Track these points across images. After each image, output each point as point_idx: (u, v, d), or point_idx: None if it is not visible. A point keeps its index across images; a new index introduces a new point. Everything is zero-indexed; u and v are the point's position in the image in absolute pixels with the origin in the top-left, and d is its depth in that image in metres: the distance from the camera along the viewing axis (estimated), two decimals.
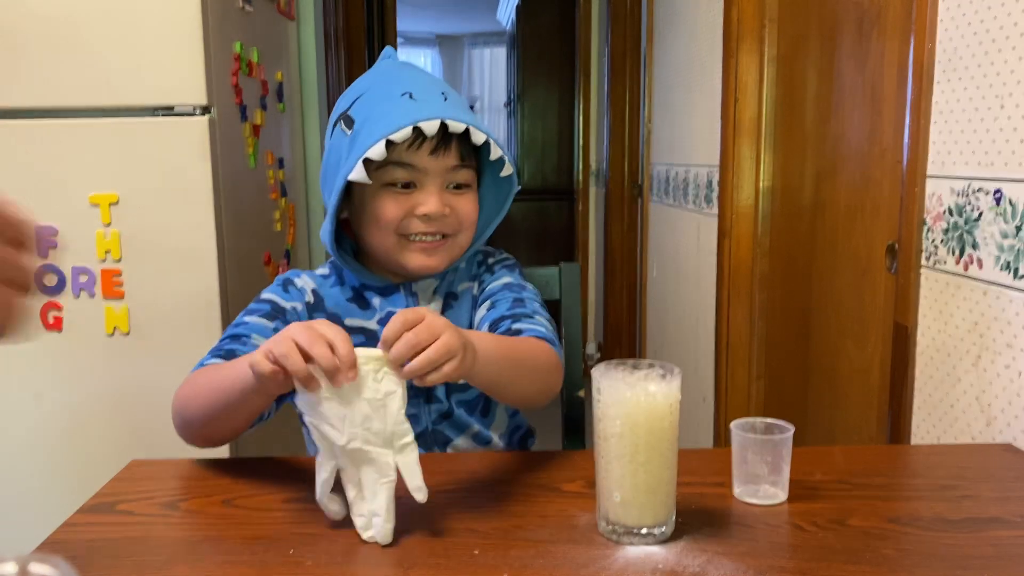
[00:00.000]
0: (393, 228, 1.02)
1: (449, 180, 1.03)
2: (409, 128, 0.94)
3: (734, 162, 2.05)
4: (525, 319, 1.03)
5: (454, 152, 1.01)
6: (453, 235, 1.05)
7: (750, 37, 2.01)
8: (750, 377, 2.12)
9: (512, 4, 6.33)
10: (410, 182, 1.01)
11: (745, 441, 0.85)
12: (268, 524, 0.82)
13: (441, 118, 0.96)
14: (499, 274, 1.13)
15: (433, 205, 1.01)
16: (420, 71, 1.08)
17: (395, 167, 1.00)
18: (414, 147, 0.99)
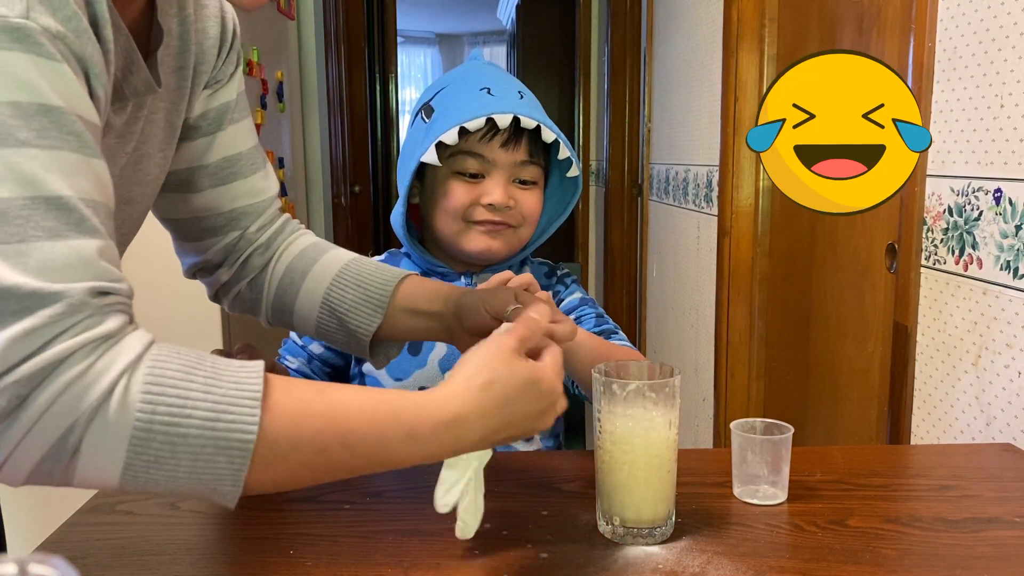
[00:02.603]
0: (460, 215, 1.07)
1: (516, 175, 1.08)
2: (483, 118, 1.01)
3: (734, 161, 2.05)
4: (614, 335, 1.10)
5: (524, 148, 1.07)
6: (516, 227, 1.10)
7: (750, 36, 2.01)
8: (750, 377, 2.12)
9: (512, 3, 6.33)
10: (479, 172, 1.06)
11: (745, 441, 0.85)
12: (268, 524, 0.82)
13: (515, 113, 1.02)
14: (572, 288, 1.19)
15: (498, 195, 1.06)
16: (501, 71, 1.14)
17: (466, 156, 1.05)
18: (486, 139, 1.04)
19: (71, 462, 0.52)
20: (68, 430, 0.51)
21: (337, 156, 3.51)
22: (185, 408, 0.54)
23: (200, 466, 0.55)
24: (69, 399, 0.51)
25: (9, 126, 0.51)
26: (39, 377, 0.51)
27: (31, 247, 0.51)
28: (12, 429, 0.51)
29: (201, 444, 0.54)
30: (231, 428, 0.55)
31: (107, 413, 0.52)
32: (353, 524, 0.80)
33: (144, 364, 0.54)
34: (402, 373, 1.07)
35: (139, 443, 0.53)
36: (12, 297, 0.50)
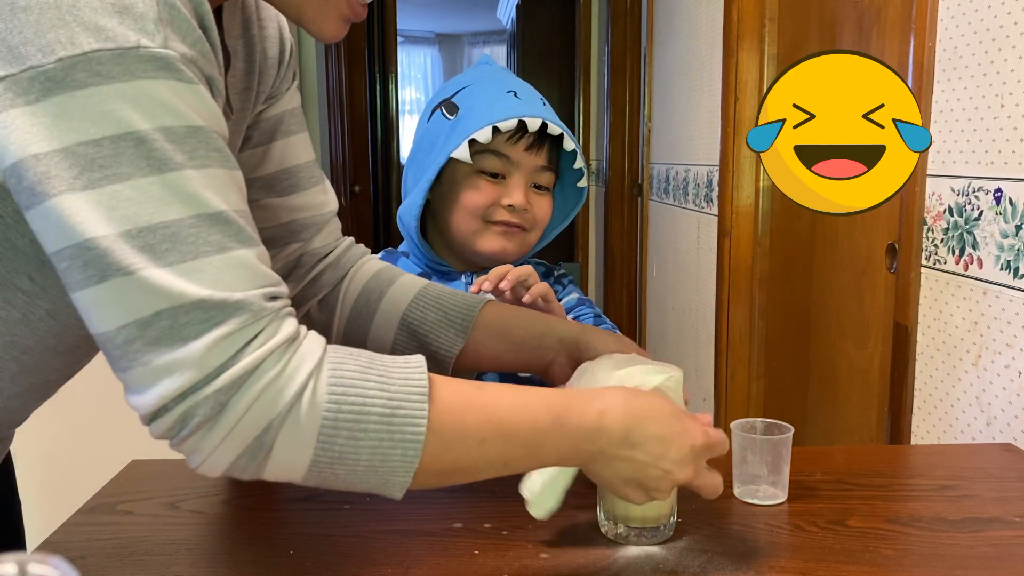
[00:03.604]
0: (479, 213, 1.09)
1: (534, 179, 1.10)
2: (515, 120, 1.03)
3: (734, 161, 2.05)
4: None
5: (545, 153, 1.09)
6: (528, 231, 1.11)
7: (750, 36, 2.01)
8: (750, 377, 2.12)
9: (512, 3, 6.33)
10: (501, 173, 1.08)
11: (745, 441, 0.85)
12: (268, 524, 0.82)
13: (544, 118, 1.04)
14: (569, 289, 1.20)
15: (519, 197, 1.08)
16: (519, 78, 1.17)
17: (491, 156, 1.07)
18: (513, 140, 1.06)
19: (264, 459, 0.56)
20: (264, 430, 0.55)
21: (337, 156, 3.50)
22: (365, 405, 0.58)
23: (378, 460, 0.58)
24: (265, 402, 0.55)
25: (165, 151, 0.54)
26: (238, 384, 0.55)
27: (204, 262, 0.55)
28: (214, 432, 0.55)
29: (380, 439, 0.58)
30: (405, 422, 0.58)
31: (299, 413, 0.56)
32: (353, 524, 0.80)
33: (326, 366, 0.58)
34: None
35: (326, 440, 0.57)
36: (201, 309, 0.54)
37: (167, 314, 0.53)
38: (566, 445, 0.64)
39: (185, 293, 0.53)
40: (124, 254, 0.53)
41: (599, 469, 0.67)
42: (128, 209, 0.53)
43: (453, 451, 0.61)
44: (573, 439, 0.64)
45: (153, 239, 0.53)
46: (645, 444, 0.65)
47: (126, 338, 0.54)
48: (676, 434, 0.67)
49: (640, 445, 0.65)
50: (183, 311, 0.53)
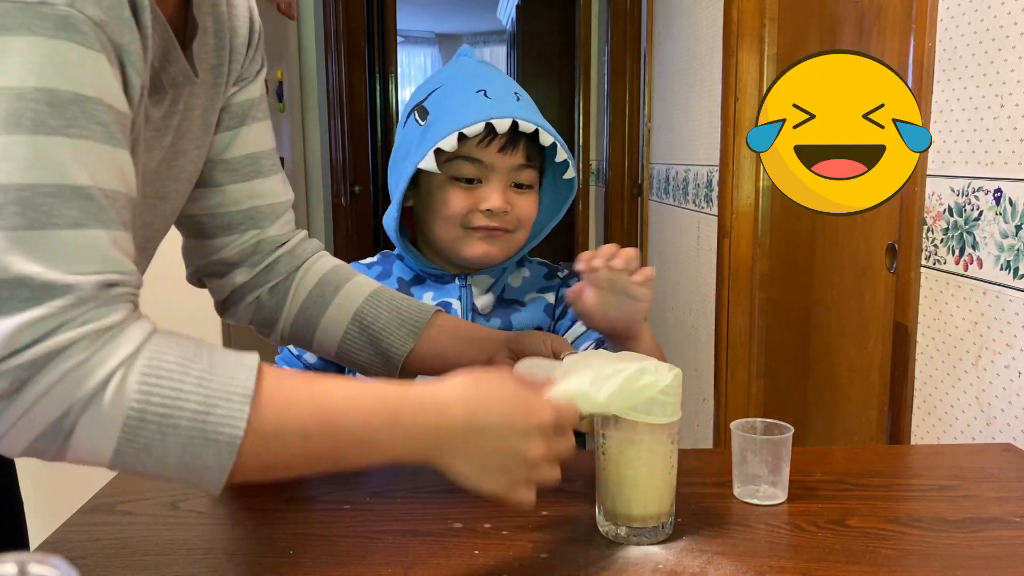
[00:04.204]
0: (458, 221, 1.06)
1: (513, 179, 1.06)
2: (482, 123, 0.98)
3: (734, 161, 2.05)
4: None
5: (521, 151, 1.05)
6: (512, 231, 1.08)
7: (750, 36, 2.01)
8: (750, 377, 2.12)
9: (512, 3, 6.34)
10: (476, 178, 1.04)
11: (745, 441, 0.85)
12: (268, 524, 0.82)
13: (514, 117, 0.99)
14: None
15: (496, 201, 1.04)
16: (496, 71, 1.12)
17: (463, 161, 1.03)
18: (484, 143, 1.02)
19: (65, 443, 0.54)
20: (63, 415, 0.53)
21: (337, 156, 3.51)
22: (178, 400, 0.55)
23: (188, 457, 0.56)
24: (66, 387, 0.53)
25: (42, 113, 0.52)
26: (39, 364, 0.52)
27: (51, 235, 0.53)
28: (10, 409, 0.53)
29: (191, 436, 0.55)
30: (220, 422, 0.56)
31: (101, 402, 0.53)
32: (353, 524, 0.80)
33: (142, 356, 0.55)
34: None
35: (130, 431, 0.54)
36: (24, 286, 0.52)
37: None
38: (404, 441, 0.62)
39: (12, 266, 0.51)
40: None
41: (449, 463, 0.64)
42: None
43: (273, 447, 0.59)
44: (411, 435, 0.62)
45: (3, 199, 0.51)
46: (489, 429, 0.64)
47: None
48: (520, 413, 0.65)
49: (484, 431, 0.64)
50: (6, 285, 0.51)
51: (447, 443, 0.63)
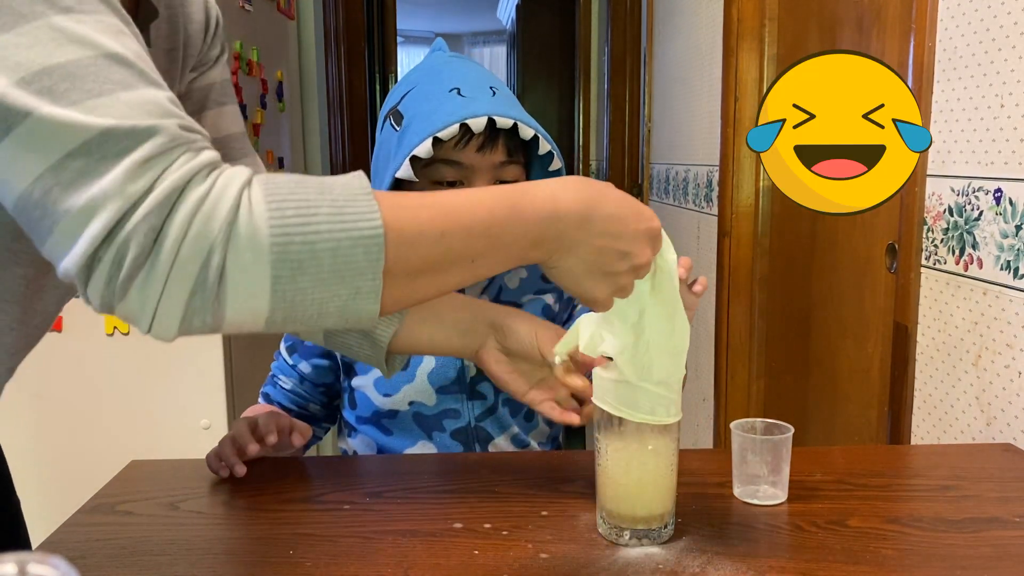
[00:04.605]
0: None
1: (497, 176, 1.01)
2: (456, 126, 0.94)
3: (734, 161, 2.05)
4: None
5: (501, 148, 1.00)
6: None
7: (750, 36, 2.01)
8: (750, 377, 2.12)
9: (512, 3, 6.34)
10: (458, 180, 1.00)
11: (745, 441, 0.85)
12: (268, 524, 0.82)
13: (489, 114, 0.95)
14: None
15: None
16: (470, 65, 1.07)
17: (443, 165, 0.99)
18: (461, 144, 0.98)
19: (219, 289, 0.52)
20: (208, 253, 0.52)
21: (337, 156, 3.50)
22: (310, 208, 0.54)
23: (341, 263, 0.55)
24: (201, 221, 0.51)
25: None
26: (166, 206, 0.51)
27: (110, 99, 0.52)
28: (156, 269, 0.51)
29: (335, 238, 0.54)
30: (357, 218, 0.55)
31: (239, 227, 0.52)
32: (353, 524, 0.80)
33: (256, 182, 0.55)
34: (391, 388, 1.06)
35: (279, 249, 0.53)
36: (111, 138, 0.51)
37: (78, 152, 0.51)
38: (527, 233, 0.63)
39: (92, 125, 0.51)
40: (21, 100, 0.51)
41: (561, 260, 0.66)
42: (18, 56, 0.51)
43: (416, 248, 0.58)
44: (532, 225, 0.63)
45: (50, 81, 0.51)
46: (602, 223, 0.65)
47: (43, 191, 0.51)
48: (631, 213, 0.67)
49: (597, 224, 0.65)
50: (94, 145, 0.51)
51: (563, 235, 0.64)
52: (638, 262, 0.68)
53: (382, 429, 1.08)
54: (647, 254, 0.68)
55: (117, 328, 1.84)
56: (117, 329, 1.84)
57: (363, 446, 1.10)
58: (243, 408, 1.12)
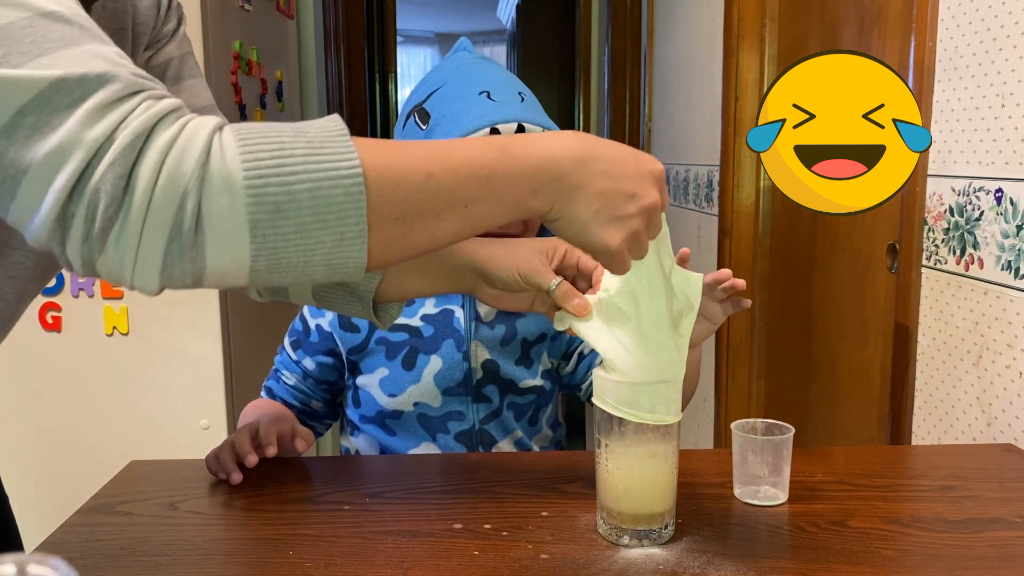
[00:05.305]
0: None
1: None
2: (486, 129, 0.95)
3: (734, 161, 2.04)
4: None
5: None
6: (518, 235, 1.04)
7: (751, 36, 2.00)
8: (750, 377, 2.12)
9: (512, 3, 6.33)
10: None
11: (745, 442, 0.85)
12: (268, 524, 0.81)
13: (519, 120, 0.96)
14: None
15: None
16: (497, 68, 1.08)
17: None
18: None
19: (196, 236, 0.50)
20: (182, 198, 0.49)
21: None
22: (284, 150, 0.52)
23: (321, 205, 0.52)
24: (172, 165, 0.49)
25: None
26: (132, 150, 0.49)
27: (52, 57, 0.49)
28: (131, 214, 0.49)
29: (314, 179, 0.52)
30: (335, 159, 0.53)
31: (212, 170, 0.50)
32: (352, 525, 0.80)
33: (227, 127, 0.53)
34: (396, 389, 1.06)
35: (255, 192, 0.51)
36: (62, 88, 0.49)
37: (28, 109, 0.48)
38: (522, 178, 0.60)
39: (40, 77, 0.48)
40: None
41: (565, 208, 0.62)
42: None
43: (401, 189, 0.55)
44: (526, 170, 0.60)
45: None
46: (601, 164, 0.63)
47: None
48: (630, 155, 0.65)
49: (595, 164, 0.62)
50: (44, 99, 0.48)
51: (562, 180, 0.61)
52: (646, 202, 0.64)
53: (386, 429, 1.07)
54: (653, 194, 0.64)
55: (116, 328, 1.84)
56: (116, 329, 1.84)
57: (366, 445, 1.10)
58: (243, 408, 1.12)
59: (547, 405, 1.13)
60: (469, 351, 1.06)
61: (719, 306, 0.90)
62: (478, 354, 1.06)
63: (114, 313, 1.84)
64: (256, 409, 1.08)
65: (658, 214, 0.66)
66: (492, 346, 1.07)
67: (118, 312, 1.84)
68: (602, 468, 0.77)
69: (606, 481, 0.77)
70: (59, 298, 1.83)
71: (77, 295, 1.83)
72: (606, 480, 0.77)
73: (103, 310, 1.84)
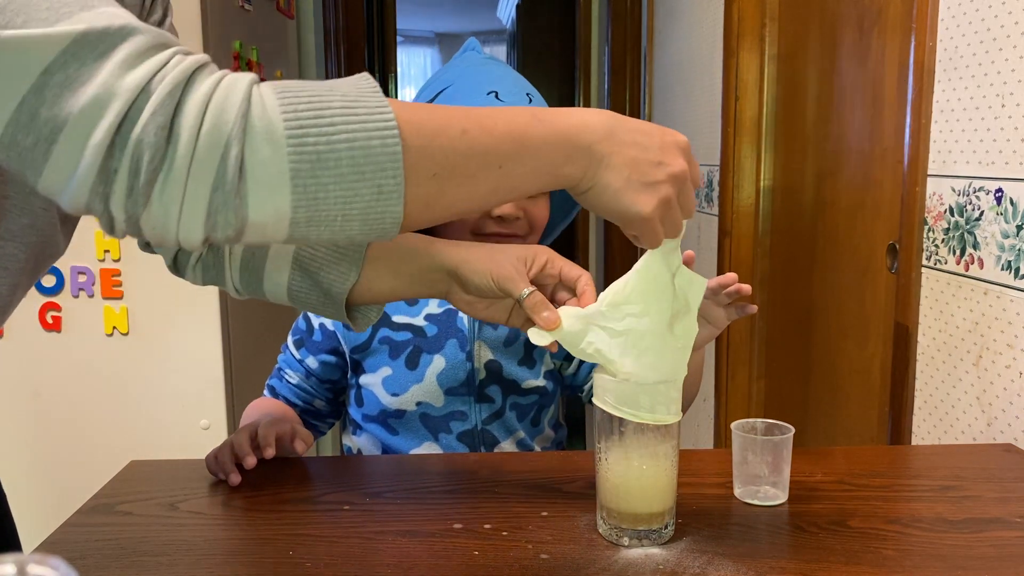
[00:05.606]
0: (468, 228, 1.03)
1: None
2: None
3: (735, 161, 2.04)
4: None
5: None
6: (524, 237, 1.05)
7: (751, 36, 2.00)
8: (751, 377, 2.12)
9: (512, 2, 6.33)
10: None
11: (746, 442, 0.85)
12: (268, 524, 0.81)
13: None
14: None
15: (508, 207, 1.01)
16: (505, 68, 1.08)
17: None
18: None
19: (240, 185, 0.50)
20: (226, 146, 0.50)
21: None
22: (321, 102, 0.52)
23: (359, 156, 0.52)
24: (215, 113, 0.50)
25: None
26: (174, 97, 0.49)
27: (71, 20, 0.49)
28: (176, 165, 0.49)
29: (350, 130, 0.52)
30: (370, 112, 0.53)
31: (253, 120, 0.50)
32: (353, 525, 0.80)
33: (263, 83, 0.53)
34: (399, 388, 1.06)
35: (296, 142, 0.51)
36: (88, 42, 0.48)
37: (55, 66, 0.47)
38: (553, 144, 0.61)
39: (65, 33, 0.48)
40: None
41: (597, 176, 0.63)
42: None
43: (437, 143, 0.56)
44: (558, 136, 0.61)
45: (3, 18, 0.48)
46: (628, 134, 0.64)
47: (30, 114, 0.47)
48: (655, 127, 0.66)
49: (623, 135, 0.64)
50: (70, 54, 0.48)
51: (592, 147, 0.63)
52: (674, 169, 0.65)
53: (388, 428, 1.07)
54: (680, 162, 0.66)
55: (116, 328, 1.84)
56: (116, 329, 1.84)
57: (368, 444, 1.10)
58: (243, 408, 1.12)
59: (549, 406, 1.13)
60: (472, 351, 1.06)
61: (723, 311, 0.90)
62: (481, 354, 1.06)
63: (114, 313, 1.84)
64: (258, 408, 1.08)
65: (688, 183, 0.67)
66: (495, 346, 1.07)
67: (118, 312, 1.84)
68: (602, 468, 0.77)
69: (606, 481, 0.77)
70: (59, 298, 1.83)
71: (77, 295, 1.83)
72: (606, 480, 0.77)
73: (103, 310, 1.84)
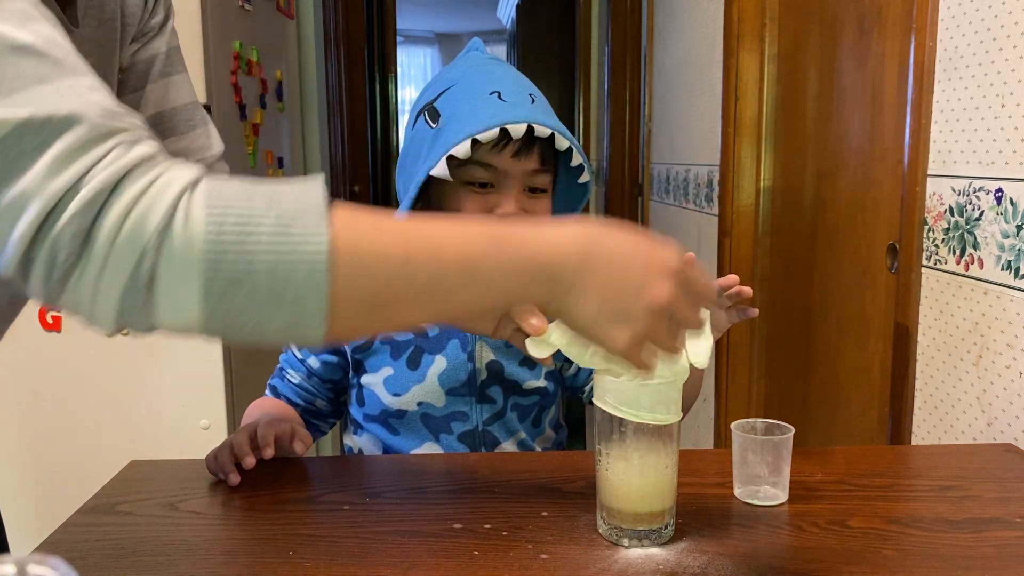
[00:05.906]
0: None
1: (527, 183, 1.01)
2: (496, 129, 0.94)
3: (735, 161, 2.04)
4: None
5: (535, 156, 1.00)
6: None
7: (751, 36, 2.00)
8: (751, 377, 2.12)
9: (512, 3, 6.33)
10: (489, 182, 0.99)
11: (746, 442, 0.85)
12: (268, 524, 0.81)
13: (529, 121, 0.95)
14: None
15: (510, 207, 1.00)
16: (509, 68, 1.07)
17: (476, 166, 0.98)
18: (497, 148, 0.97)
19: (149, 295, 0.50)
20: (140, 256, 0.49)
21: (337, 156, 3.50)
22: (252, 221, 0.51)
23: (279, 285, 0.51)
24: (133, 223, 0.49)
25: None
26: (95, 205, 0.48)
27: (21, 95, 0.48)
28: (88, 267, 0.49)
29: (275, 257, 0.51)
30: (302, 238, 0.51)
31: (173, 235, 0.49)
32: (352, 524, 0.80)
33: (202, 185, 0.51)
34: (400, 388, 1.06)
35: (213, 261, 0.50)
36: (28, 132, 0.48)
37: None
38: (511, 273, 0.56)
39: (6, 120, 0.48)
40: None
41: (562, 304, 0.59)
42: None
43: (374, 272, 0.53)
44: (517, 266, 0.56)
45: None
46: (607, 256, 0.58)
47: None
48: (641, 247, 0.60)
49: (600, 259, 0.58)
50: (10, 141, 0.48)
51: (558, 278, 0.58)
52: (653, 301, 0.59)
53: (389, 428, 1.07)
54: (665, 289, 0.59)
55: None
56: None
57: (369, 444, 1.10)
58: (243, 408, 1.12)
59: (550, 406, 1.13)
60: (474, 351, 1.06)
61: (724, 313, 0.90)
62: (483, 355, 1.06)
63: None
64: (260, 408, 1.08)
65: (677, 309, 0.61)
66: (497, 347, 1.07)
67: None
68: (602, 468, 0.77)
69: (606, 481, 0.77)
70: None
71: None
72: (606, 480, 0.77)
73: None
